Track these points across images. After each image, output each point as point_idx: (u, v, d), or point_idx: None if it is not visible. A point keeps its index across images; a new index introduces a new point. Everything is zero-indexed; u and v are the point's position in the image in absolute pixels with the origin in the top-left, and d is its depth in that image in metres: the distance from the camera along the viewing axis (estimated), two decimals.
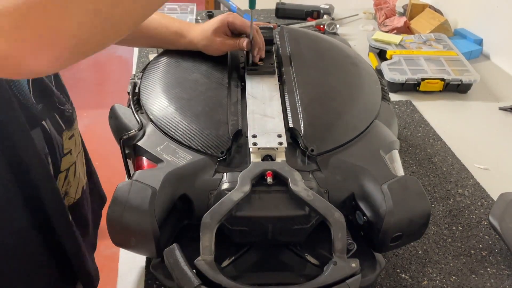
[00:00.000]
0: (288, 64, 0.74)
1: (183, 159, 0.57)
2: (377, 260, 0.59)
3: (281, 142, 0.58)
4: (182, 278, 0.48)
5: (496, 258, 0.69)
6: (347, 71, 0.75)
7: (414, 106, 1.08)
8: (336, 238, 0.51)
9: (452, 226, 0.74)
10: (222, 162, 0.58)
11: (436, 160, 0.89)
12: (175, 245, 0.50)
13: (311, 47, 0.79)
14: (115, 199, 0.52)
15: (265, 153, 0.58)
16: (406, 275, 0.66)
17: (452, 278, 0.66)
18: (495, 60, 1.32)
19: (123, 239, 0.55)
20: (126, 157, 0.64)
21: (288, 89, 0.68)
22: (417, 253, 0.69)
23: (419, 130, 0.99)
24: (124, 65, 3.19)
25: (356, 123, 0.64)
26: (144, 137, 0.61)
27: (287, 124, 0.62)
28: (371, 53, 1.28)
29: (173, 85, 0.69)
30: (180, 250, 0.50)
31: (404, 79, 1.10)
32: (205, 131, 0.60)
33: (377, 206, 0.55)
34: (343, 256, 0.51)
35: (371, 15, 1.60)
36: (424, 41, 1.27)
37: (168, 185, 0.54)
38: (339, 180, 0.58)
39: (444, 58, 1.18)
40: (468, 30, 1.40)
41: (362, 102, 0.68)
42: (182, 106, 0.64)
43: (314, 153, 0.59)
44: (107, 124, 0.67)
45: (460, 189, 0.82)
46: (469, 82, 1.11)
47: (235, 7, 1.58)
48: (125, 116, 0.65)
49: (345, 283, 0.49)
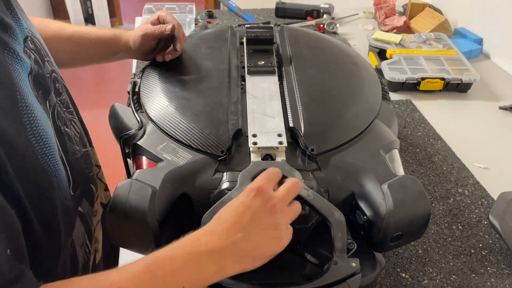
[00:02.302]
0: (288, 63, 0.74)
1: (183, 158, 0.57)
2: (377, 259, 0.59)
3: (281, 142, 0.58)
4: None
5: (496, 257, 0.69)
6: (347, 71, 0.75)
7: (414, 105, 1.08)
8: (336, 238, 0.51)
9: (452, 226, 0.74)
10: (222, 161, 0.58)
11: (436, 160, 0.89)
12: None
13: (311, 47, 0.79)
14: (115, 198, 0.52)
15: (265, 152, 0.58)
16: (406, 274, 0.66)
17: (452, 277, 0.66)
18: (495, 60, 1.32)
19: (123, 238, 0.55)
20: (126, 156, 0.64)
21: (288, 88, 0.68)
22: (417, 252, 0.69)
23: (419, 130, 0.99)
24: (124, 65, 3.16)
25: (356, 123, 0.64)
26: (144, 136, 0.61)
27: (287, 124, 0.62)
28: (371, 52, 1.28)
29: (173, 85, 0.69)
30: None
31: (404, 79, 1.10)
32: (205, 131, 0.60)
33: (377, 205, 0.55)
34: (343, 256, 0.51)
35: (371, 14, 1.60)
36: (424, 40, 1.27)
37: (168, 184, 0.54)
38: (339, 180, 0.58)
39: (444, 57, 1.18)
40: (468, 30, 1.40)
41: (362, 102, 0.68)
42: (182, 105, 0.64)
43: (314, 152, 0.59)
44: (107, 124, 0.67)
45: (460, 188, 0.82)
46: (469, 82, 1.11)
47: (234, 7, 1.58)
48: (125, 115, 0.65)
49: (345, 282, 0.49)
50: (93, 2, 3.67)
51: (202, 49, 0.77)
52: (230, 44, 0.79)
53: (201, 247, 0.44)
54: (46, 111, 0.52)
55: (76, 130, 0.63)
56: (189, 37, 0.85)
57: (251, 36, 0.77)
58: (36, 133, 0.47)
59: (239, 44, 0.80)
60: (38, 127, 0.48)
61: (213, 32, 0.84)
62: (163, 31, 0.73)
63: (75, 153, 0.59)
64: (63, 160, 0.53)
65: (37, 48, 0.56)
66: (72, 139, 0.59)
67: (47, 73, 0.57)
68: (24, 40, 0.53)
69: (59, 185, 0.51)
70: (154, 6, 1.45)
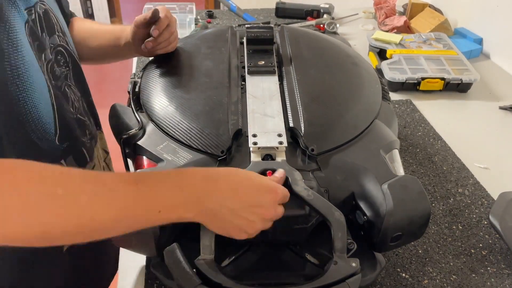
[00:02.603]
0: (288, 63, 0.74)
1: (183, 158, 0.57)
2: (377, 259, 0.59)
3: (281, 142, 0.58)
4: (182, 278, 0.48)
5: (496, 257, 0.69)
6: (347, 71, 0.75)
7: (414, 105, 1.08)
8: (336, 238, 0.51)
9: (452, 225, 0.74)
10: (222, 161, 0.58)
11: (436, 160, 0.89)
12: (175, 244, 0.50)
13: (312, 47, 0.79)
14: None
15: (265, 152, 0.58)
16: (406, 274, 0.66)
17: (452, 277, 0.66)
18: (495, 60, 1.32)
19: (123, 239, 0.55)
20: (127, 156, 0.64)
21: (288, 88, 0.68)
22: (417, 252, 0.69)
23: (419, 130, 0.99)
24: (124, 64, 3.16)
25: (356, 123, 0.64)
26: (144, 136, 0.61)
27: (288, 124, 0.62)
28: (371, 52, 1.28)
29: (173, 85, 0.69)
30: (180, 250, 0.50)
31: (404, 79, 1.10)
32: (205, 131, 0.60)
33: (377, 205, 0.55)
34: (343, 256, 0.51)
35: (371, 14, 1.60)
36: (424, 40, 1.27)
37: None
38: (339, 180, 0.58)
39: (444, 57, 1.18)
40: (468, 30, 1.40)
41: (363, 102, 0.68)
42: (182, 105, 0.64)
43: (314, 152, 0.59)
44: (107, 124, 0.67)
45: (460, 188, 0.82)
46: (469, 81, 1.11)
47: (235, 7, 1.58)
48: (125, 115, 0.65)
49: (345, 282, 0.49)
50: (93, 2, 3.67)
51: (202, 49, 0.77)
52: (230, 44, 0.79)
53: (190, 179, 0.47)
54: (38, 58, 0.54)
55: (74, 97, 0.67)
56: (189, 37, 0.85)
57: (251, 36, 0.77)
58: (14, 64, 0.49)
59: (239, 44, 0.80)
60: (18, 58, 0.50)
61: (213, 32, 0.84)
62: (146, 15, 0.75)
63: (68, 111, 0.62)
64: (53, 108, 0.56)
65: (48, 17, 0.62)
66: (68, 99, 0.62)
67: (52, 43, 0.62)
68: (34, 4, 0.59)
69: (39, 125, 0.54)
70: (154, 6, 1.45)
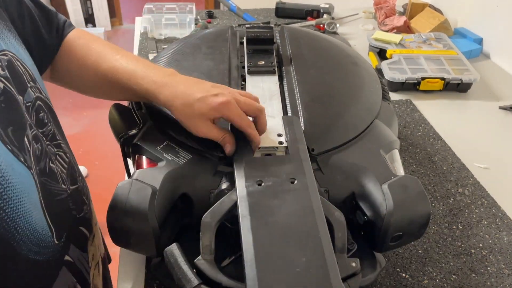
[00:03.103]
0: (288, 63, 0.74)
1: (183, 158, 0.57)
2: (377, 259, 0.59)
3: (282, 142, 0.58)
4: (182, 278, 0.48)
5: (496, 257, 0.69)
6: (347, 71, 0.75)
7: (414, 105, 1.08)
8: (336, 238, 0.51)
9: (452, 225, 0.74)
10: (222, 161, 0.58)
11: (436, 159, 0.89)
12: (175, 244, 0.50)
13: (312, 47, 0.79)
14: (115, 198, 0.52)
15: (265, 152, 0.58)
16: (406, 274, 0.66)
17: (452, 277, 0.66)
18: (495, 59, 1.32)
19: (123, 238, 0.55)
20: (126, 156, 0.64)
21: (288, 88, 0.68)
22: (417, 252, 0.69)
23: (419, 129, 0.99)
24: None
25: (356, 123, 0.64)
26: (144, 136, 0.61)
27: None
28: (371, 52, 1.28)
29: None
30: (180, 250, 0.50)
31: (404, 78, 1.10)
32: None
33: (378, 205, 0.55)
34: (343, 256, 0.51)
35: (371, 14, 1.60)
36: (424, 40, 1.27)
37: (168, 184, 0.54)
38: (340, 180, 0.58)
39: (444, 57, 1.18)
40: (468, 29, 1.40)
41: (363, 102, 0.68)
42: None
43: (314, 152, 0.59)
44: (107, 123, 0.67)
45: (460, 188, 0.82)
46: (469, 81, 1.11)
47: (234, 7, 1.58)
48: (125, 115, 0.65)
49: (345, 282, 0.49)
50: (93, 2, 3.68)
51: (202, 49, 0.77)
52: (230, 44, 0.79)
53: None
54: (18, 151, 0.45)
55: (62, 166, 0.56)
56: (189, 37, 0.85)
57: (251, 36, 0.77)
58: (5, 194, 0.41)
59: (239, 44, 0.80)
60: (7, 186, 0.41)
61: (213, 32, 0.84)
62: (219, 141, 0.57)
63: (59, 194, 0.53)
64: (42, 206, 0.48)
65: (15, 72, 0.49)
66: (57, 177, 0.53)
67: (28, 101, 0.50)
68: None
69: (34, 240, 0.46)
70: (154, 6, 1.45)
